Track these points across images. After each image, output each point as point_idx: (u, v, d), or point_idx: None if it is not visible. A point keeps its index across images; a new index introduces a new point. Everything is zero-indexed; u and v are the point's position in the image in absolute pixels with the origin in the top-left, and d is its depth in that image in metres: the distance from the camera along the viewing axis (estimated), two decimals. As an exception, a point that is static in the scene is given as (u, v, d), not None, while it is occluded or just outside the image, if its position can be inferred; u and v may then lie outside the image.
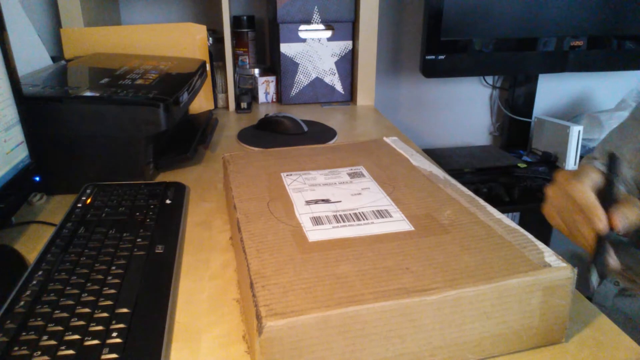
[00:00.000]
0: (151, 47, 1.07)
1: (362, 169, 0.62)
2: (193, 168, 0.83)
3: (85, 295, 0.44)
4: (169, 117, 0.72)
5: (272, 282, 0.38)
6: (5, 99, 0.58)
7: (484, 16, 1.28)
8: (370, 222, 0.48)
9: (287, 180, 0.58)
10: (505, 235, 0.45)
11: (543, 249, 0.42)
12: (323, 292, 0.37)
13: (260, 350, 0.34)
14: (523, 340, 0.40)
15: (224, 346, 0.42)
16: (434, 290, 0.37)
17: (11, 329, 0.40)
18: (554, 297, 0.39)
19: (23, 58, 0.89)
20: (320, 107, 1.25)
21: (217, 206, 0.68)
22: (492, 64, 1.34)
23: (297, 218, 0.49)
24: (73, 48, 1.06)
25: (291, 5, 1.18)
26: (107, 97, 0.70)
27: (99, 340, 0.39)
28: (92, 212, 0.60)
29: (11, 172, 0.58)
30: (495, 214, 0.49)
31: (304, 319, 0.35)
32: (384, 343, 0.37)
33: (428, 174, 0.60)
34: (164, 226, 0.58)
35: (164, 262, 0.52)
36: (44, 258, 0.50)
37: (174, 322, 0.45)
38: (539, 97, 1.53)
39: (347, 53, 1.25)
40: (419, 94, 1.59)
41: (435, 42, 1.26)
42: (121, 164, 0.73)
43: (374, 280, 0.38)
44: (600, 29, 1.32)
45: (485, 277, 0.38)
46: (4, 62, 0.58)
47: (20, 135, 0.61)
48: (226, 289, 0.50)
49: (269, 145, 0.74)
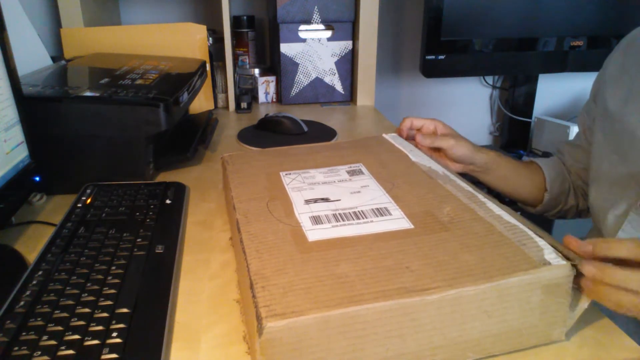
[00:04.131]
0: (151, 47, 1.07)
1: (361, 166, 0.62)
2: (193, 168, 0.83)
3: (85, 295, 0.44)
4: (169, 117, 0.71)
5: (272, 283, 0.38)
6: (5, 99, 0.58)
7: (484, 16, 1.28)
8: (369, 221, 0.48)
9: (286, 180, 0.58)
10: (505, 232, 0.44)
11: (543, 245, 0.42)
12: (323, 292, 0.37)
13: (261, 351, 0.34)
14: (523, 339, 0.40)
15: (224, 346, 0.42)
16: (434, 290, 0.37)
17: (11, 329, 0.40)
18: (553, 295, 0.39)
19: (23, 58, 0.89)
20: (320, 107, 1.25)
21: (217, 206, 0.68)
22: (492, 64, 1.34)
23: (296, 217, 0.49)
24: (73, 48, 1.06)
25: (291, 5, 1.18)
26: (107, 97, 0.70)
27: (99, 340, 0.39)
28: (92, 212, 0.60)
29: (11, 172, 0.58)
30: (495, 210, 0.49)
31: (304, 319, 0.34)
32: (384, 343, 0.37)
33: (427, 169, 0.60)
34: (164, 226, 0.58)
35: (164, 262, 0.52)
36: (44, 258, 0.50)
37: (174, 322, 0.45)
38: (539, 97, 1.53)
39: (347, 53, 1.25)
40: (419, 94, 1.59)
41: (435, 42, 1.26)
42: (121, 164, 0.73)
43: (374, 279, 0.38)
44: (600, 29, 1.32)
45: (485, 275, 0.38)
46: (4, 62, 0.58)
47: (20, 135, 0.61)
48: (226, 289, 0.50)
49: (269, 145, 0.74)
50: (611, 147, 0.65)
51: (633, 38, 0.67)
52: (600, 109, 0.69)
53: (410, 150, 0.66)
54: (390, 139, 0.72)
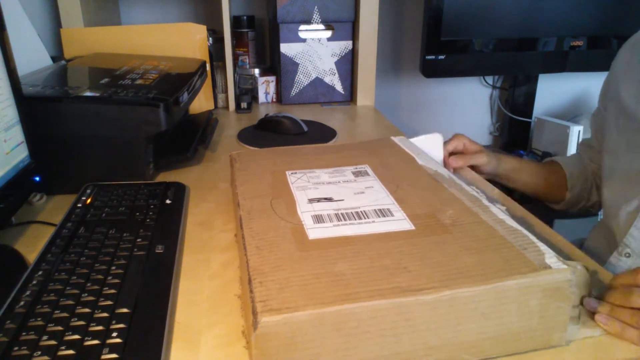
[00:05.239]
0: (151, 47, 1.07)
1: (367, 167, 0.62)
2: (193, 168, 0.83)
3: (85, 295, 0.44)
4: (169, 117, 0.72)
5: (270, 279, 0.38)
6: (5, 99, 0.58)
7: (484, 16, 1.28)
8: (371, 221, 0.48)
9: (291, 179, 0.58)
10: (507, 236, 0.44)
11: (544, 250, 0.42)
12: (319, 289, 0.37)
13: (256, 345, 0.35)
14: (522, 342, 0.40)
15: (224, 346, 0.42)
16: (429, 290, 0.37)
17: (11, 329, 0.40)
18: (553, 299, 0.39)
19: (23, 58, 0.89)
20: (320, 107, 1.25)
21: (217, 206, 0.68)
22: (492, 64, 1.34)
23: (298, 216, 0.49)
24: (73, 48, 1.06)
25: (291, 5, 1.18)
26: (107, 97, 0.70)
27: (99, 340, 0.39)
28: (92, 212, 0.60)
29: (11, 172, 0.58)
30: (498, 214, 0.49)
31: (299, 315, 0.35)
32: (378, 341, 0.37)
33: (433, 173, 0.60)
34: (164, 226, 0.58)
35: (164, 262, 0.52)
36: (44, 258, 0.50)
37: (174, 322, 0.45)
38: (539, 97, 1.53)
39: (347, 53, 1.25)
40: (419, 94, 1.59)
41: (435, 42, 1.26)
42: (121, 164, 0.73)
43: (370, 278, 0.38)
44: (600, 29, 1.32)
45: (483, 277, 0.38)
46: (4, 62, 0.58)
47: (20, 135, 0.61)
48: (226, 289, 0.50)
49: (269, 145, 0.74)
50: (625, 144, 0.66)
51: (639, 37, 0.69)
52: (613, 107, 0.70)
53: (417, 154, 0.66)
54: (398, 141, 0.72)
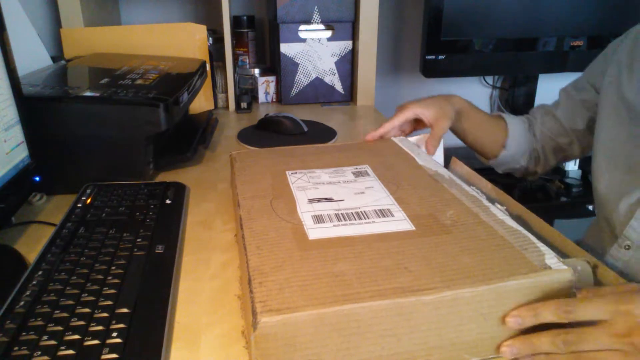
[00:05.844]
0: (151, 47, 1.07)
1: (367, 167, 0.62)
2: (193, 168, 0.83)
3: (85, 295, 0.45)
4: (169, 117, 0.72)
5: (270, 279, 0.38)
6: (5, 99, 0.58)
7: (484, 16, 1.28)
8: (371, 221, 0.48)
9: (291, 179, 0.58)
10: (507, 237, 0.44)
11: (545, 250, 0.42)
12: (319, 289, 0.37)
13: (255, 345, 0.35)
14: None
15: (224, 346, 0.42)
16: (430, 291, 0.37)
17: (11, 329, 0.40)
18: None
19: (23, 58, 0.89)
20: (320, 107, 1.25)
21: (217, 206, 0.68)
22: (492, 64, 1.34)
23: (299, 216, 0.49)
24: (73, 48, 1.06)
25: (291, 5, 1.18)
26: (107, 97, 0.70)
27: (99, 340, 0.39)
28: (92, 212, 0.60)
29: (11, 172, 0.58)
30: (498, 214, 0.49)
31: (298, 315, 0.35)
32: (379, 341, 0.37)
33: (433, 173, 0.60)
34: (164, 226, 0.58)
35: (164, 262, 0.52)
36: (44, 258, 0.50)
37: (174, 322, 0.45)
38: (539, 97, 1.53)
39: (347, 53, 1.25)
40: (419, 94, 1.58)
41: (435, 42, 1.26)
42: (121, 164, 0.73)
43: (370, 279, 0.38)
44: (600, 29, 1.32)
45: (483, 278, 0.38)
46: (4, 62, 0.58)
47: (20, 135, 0.61)
48: (226, 289, 0.50)
49: (269, 145, 0.74)
50: (627, 135, 0.65)
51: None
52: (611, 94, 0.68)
53: (417, 154, 0.66)
54: (398, 142, 0.72)
